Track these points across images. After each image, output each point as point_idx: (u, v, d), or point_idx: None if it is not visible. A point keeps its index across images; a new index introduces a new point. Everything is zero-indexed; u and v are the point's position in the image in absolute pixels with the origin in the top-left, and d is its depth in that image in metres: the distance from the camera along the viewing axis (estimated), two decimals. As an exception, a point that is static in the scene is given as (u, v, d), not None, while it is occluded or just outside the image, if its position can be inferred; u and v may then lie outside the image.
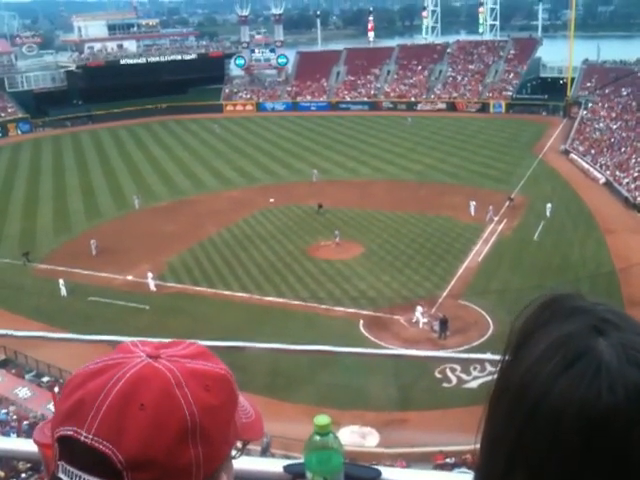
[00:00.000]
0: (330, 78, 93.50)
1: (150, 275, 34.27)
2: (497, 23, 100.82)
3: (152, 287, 34.09)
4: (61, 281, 34.03)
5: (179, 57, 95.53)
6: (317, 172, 53.82)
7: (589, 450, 0.76)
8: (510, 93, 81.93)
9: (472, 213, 42.12)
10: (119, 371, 0.98)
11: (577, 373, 0.77)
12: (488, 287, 31.74)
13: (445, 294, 31.54)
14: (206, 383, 1.01)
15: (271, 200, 48.07)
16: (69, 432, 0.97)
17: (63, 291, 33.70)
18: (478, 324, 28.13)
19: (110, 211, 48.67)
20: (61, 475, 0.98)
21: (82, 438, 0.95)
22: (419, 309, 28.81)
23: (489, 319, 28.44)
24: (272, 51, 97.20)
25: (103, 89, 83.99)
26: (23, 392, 23.76)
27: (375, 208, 45.11)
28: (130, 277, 35.67)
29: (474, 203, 42.47)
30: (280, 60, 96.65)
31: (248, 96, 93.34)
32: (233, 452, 1.09)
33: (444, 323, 27.86)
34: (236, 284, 34.45)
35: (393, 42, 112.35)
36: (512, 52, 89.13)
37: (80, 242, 41.08)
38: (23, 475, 16.69)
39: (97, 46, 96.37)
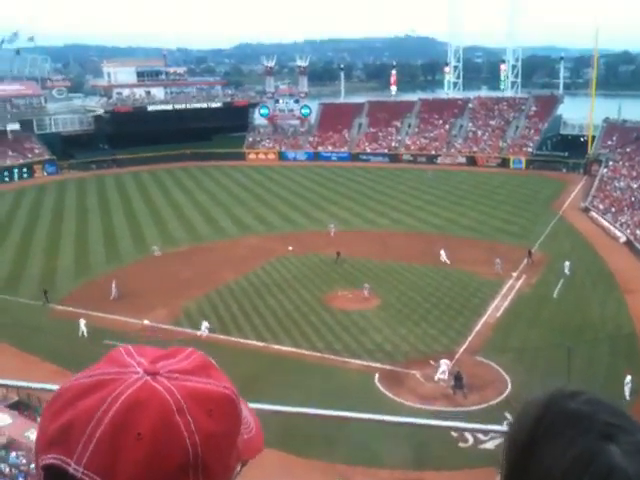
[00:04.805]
0: (352, 129, 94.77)
1: (205, 324, 34.09)
2: (518, 80, 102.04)
3: (203, 333, 33.77)
4: (82, 321, 34.20)
5: (205, 105, 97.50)
6: (334, 225, 53.41)
7: None
8: (530, 149, 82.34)
9: (499, 271, 41.34)
10: (113, 391, 0.86)
11: None
12: (506, 344, 31.33)
13: (463, 350, 31.16)
14: (209, 407, 0.88)
15: (290, 248, 48.25)
16: (56, 461, 0.86)
17: (84, 331, 33.85)
18: (496, 382, 27.68)
19: (130, 255, 49.06)
20: None
21: (71, 470, 0.83)
22: (445, 362, 28.36)
23: (507, 377, 28.00)
24: (296, 102, 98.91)
25: (129, 134, 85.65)
26: (35, 435, 23.54)
27: (393, 259, 45.08)
28: (147, 321, 35.71)
29: (499, 261, 42.06)
30: (303, 111, 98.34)
31: (271, 145, 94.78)
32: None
33: (459, 379, 27.46)
34: (251, 332, 34.35)
35: (415, 96, 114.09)
36: (533, 109, 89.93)
37: (99, 284, 41.38)
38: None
39: (125, 92, 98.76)
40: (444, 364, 28.19)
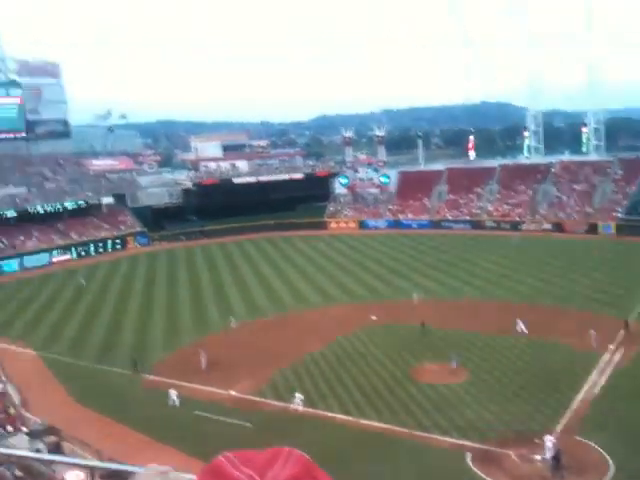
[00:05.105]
0: (432, 197, 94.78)
1: (299, 397, 33.99)
2: (602, 143, 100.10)
3: (298, 407, 33.64)
4: (174, 392, 34.83)
5: (287, 176, 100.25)
6: (417, 294, 52.67)
7: None
8: (620, 214, 79.70)
9: (594, 343, 39.33)
10: None
11: None
12: (606, 423, 29.64)
13: (560, 429, 29.67)
14: None
15: (373, 318, 47.98)
16: None
17: (176, 402, 34.45)
18: (597, 464, 26.11)
19: (217, 324, 50.04)
20: None
21: None
22: (550, 439, 27.04)
23: (608, 458, 26.40)
24: (375, 170, 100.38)
25: (216, 205, 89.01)
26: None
27: (480, 330, 43.98)
28: (233, 392, 36.05)
29: (593, 332, 40.23)
30: (383, 179, 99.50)
31: (351, 214, 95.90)
32: None
33: (557, 460, 26.06)
34: (336, 405, 33.99)
35: (494, 162, 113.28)
36: (619, 172, 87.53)
37: (187, 354, 42.30)
38: None
39: (212, 165, 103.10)
40: (549, 441, 26.82)
